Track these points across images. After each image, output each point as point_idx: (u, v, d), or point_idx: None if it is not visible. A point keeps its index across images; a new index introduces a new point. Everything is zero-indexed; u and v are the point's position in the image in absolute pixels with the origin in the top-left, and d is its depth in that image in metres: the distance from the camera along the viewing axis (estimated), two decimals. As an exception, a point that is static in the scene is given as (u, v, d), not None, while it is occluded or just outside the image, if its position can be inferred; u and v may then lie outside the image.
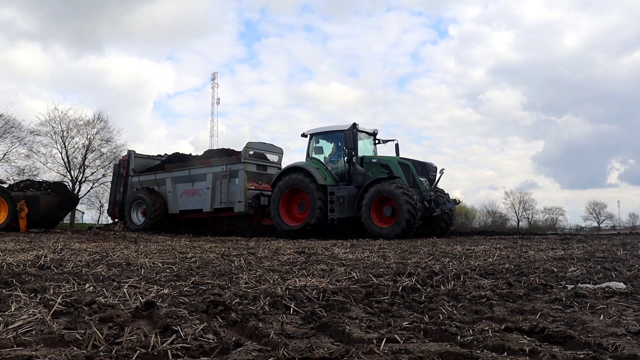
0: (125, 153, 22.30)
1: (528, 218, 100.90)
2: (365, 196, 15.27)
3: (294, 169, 16.71)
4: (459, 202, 18.56)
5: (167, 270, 3.58)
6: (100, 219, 52.57)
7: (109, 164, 43.86)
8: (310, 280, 3.03)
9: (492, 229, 36.13)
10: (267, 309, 2.25)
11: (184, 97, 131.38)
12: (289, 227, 16.50)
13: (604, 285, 3.04)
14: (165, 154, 23.74)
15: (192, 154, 22.68)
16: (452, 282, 3.15)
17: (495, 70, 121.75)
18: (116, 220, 31.17)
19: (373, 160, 16.57)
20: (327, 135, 17.49)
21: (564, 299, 2.57)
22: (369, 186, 15.30)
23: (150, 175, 21.56)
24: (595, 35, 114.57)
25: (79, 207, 42.73)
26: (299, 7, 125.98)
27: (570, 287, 3.09)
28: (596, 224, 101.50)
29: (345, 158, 16.48)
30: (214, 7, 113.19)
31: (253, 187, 18.49)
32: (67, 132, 42.42)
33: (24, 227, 16.29)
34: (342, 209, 15.71)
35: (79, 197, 42.88)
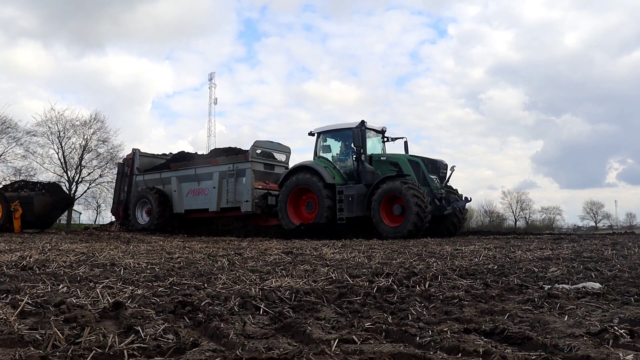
0: (129, 152, 22.17)
1: (525, 218, 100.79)
2: (375, 195, 15.06)
3: (301, 168, 16.50)
4: (470, 199, 18.48)
5: (148, 271, 3.59)
6: (97, 219, 52.57)
7: (106, 164, 43.91)
8: (286, 281, 3.04)
9: (488, 229, 36.19)
10: (236, 310, 2.26)
11: (182, 97, 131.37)
12: (301, 224, 16.30)
13: (580, 285, 3.05)
14: (170, 153, 23.60)
15: (197, 153, 22.49)
16: (429, 282, 3.16)
17: (494, 69, 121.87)
18: (112, 220, 31.18)
19: (382, 158, 16.37)
20: (335, 133, 17.27)
21: (536, 299, 2.58)
22: (378, 185, 15.09)
23: (155, 174, 21.42)
24: (595, 34, 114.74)
25: (75, 207, 42.74)
26: (300, 6, 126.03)
27: (547, 287, 3.10)
28: (593, 224, 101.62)
29: (354, 156, 16.27)
30: (215, 6, 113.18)
31: (260, 187, 18.29)
32: (64, 133, 42.43)
33: (19, 228, 16.29)
34: (351, 208, 15.53)
35: (76, 197, 42.94)
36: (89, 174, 44.21)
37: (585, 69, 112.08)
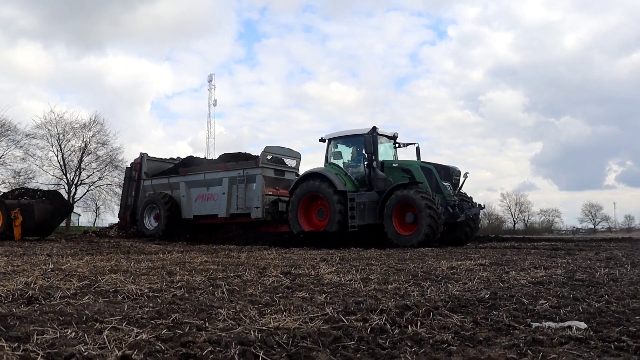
0: (136, 156, 22.29)
1: (524, 220, 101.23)
2: (387, 203, 14.96)
3: (312, 174, 16.52)
4: (484, 207, 18.50)
5: (151, 304, 3.71)
6: (97, 221, 52.68)
7: (105, 166, 44.23)
8: (284, 319, 3.17)
9: (486, 234, 36.35)
10: (237, 359, 2.38)
11: (182, 98, 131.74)
12: (313, 231, 16.28)
13: (566, 324, 3.18)
14: (178, 157, 23.73)
15: (206, 158, 22.54)
16: (421, 319, 3.28)
17: (494, 71, 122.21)
18: (111, 223, 31.26)
19: (394, 165, 16.34)
20: (346, 139, 17.24)
21: (521, 344, 2.70)
22: (391, 192, 14.99)
23: (163, 179, 21.54)
24: (594, 36, 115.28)
25: (75, 209, 42.84)
26: (300, 7, 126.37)
27: (535, 325, 3.23)
28: (592, 226, 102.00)
29: (366, 163, 16.19)
30: (215, 7, 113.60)
31: (271, 193, 18.41)
32: (63, 135, 42.82)
33: (19, 236, 16.44)
34: (362, 216, 15.47)
35: (75, 200, 43.07)
36: (89, 176, 44.57)
37: (584, 70, 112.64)
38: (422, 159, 17.06)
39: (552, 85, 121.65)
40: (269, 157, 18.87)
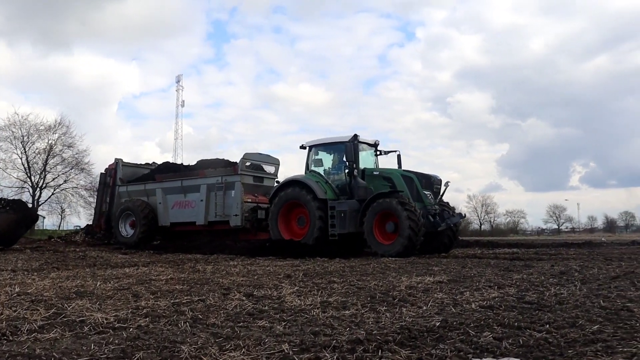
0: (111, 162, 21.97)
1: (490, 221, 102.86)
2: (368, 211, 14.94)
3: (292, 182, 16.45)
4: (465, 216, 18.60)
5: (117, 340, 3.87)
6: (62, 224, 52.06)
7: (71, 169, 43.74)
8: (242, 359, 3.37)
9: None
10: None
11: (149, 98, 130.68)
12: (291, 240, 16.13)
13: (503, 360, 3.44)
14: (154, 163, 23.47)
15: (183, 164, 22.31)
16: (371, 355, 3.52)
17: (462, 73, 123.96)
18: (77, 227, 30.79)
19: (375, 173, 16.32)
20: (327, 147, 17.19)
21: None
22: (371, 201, 14.97)
23: (139, 186, 21.28)
24: (560, 40, 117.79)
25: (40, 212, 42.30)
26: (269, 8, 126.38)
27: (475, 360, 3.49)
28: (556, 227, 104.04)
29: (346, 171, 16.15)
30: (184, 7, 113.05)
31: (250, 200, 18.30)
32: (28, 137, 42.27)
33: (-18, 247, 16.27)
34: (343, 224, 15.40)
35: (40, 203, 42.53)
36: (54, 179, 44.13)
37: (550, 73, 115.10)
38: (418, 171, 16.93)
39: (519, 87, 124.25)
40: (248, 164, 18.83)
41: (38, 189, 42.88)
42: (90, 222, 24.71)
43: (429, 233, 15.48)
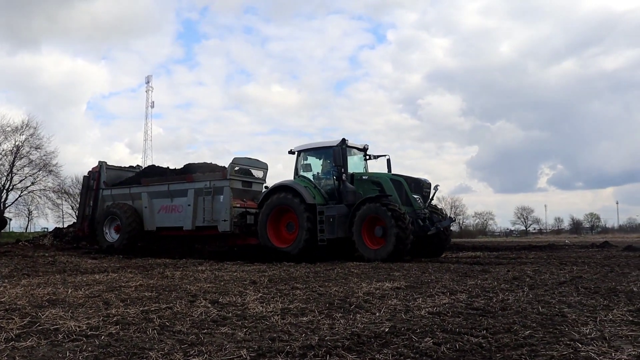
0: (94, 165, 21.66)
1: (459, 223, 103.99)
2: (356, 216, 14.95)
3: (281, 187, 16.43)
4: (454, 219, 18.53)
5: (90, 348, 4.22)
6: (29, 227, 51.57)
7: (39, 171, 43.39)
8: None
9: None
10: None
11: (119, 98, 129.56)
12: (278, 248, 16.12)
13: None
14: (138, 166, 23.27)
15: (169, 168, 22.03)
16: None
17: (432, 75, 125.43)
18: (45, 230, 30.58)
19: (364, 178, 16.36)
20: (316, 151, 17.19)
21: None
22: (360, 205, 14.99)
23: (124, 189, 20.68)
24: (528, 44, 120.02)
25: (6, 214, 41.91)
26: (241, 8, 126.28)
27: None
28: (524, 228, 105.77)
29: (335, 176, 16.13)
30: (154, 6, 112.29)
31: (238, 205, 18.10)
32: (-6, 138, 41.65)
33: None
34: (332, 230, 15.39)
35: (6, 205, 42.13)
36: (21, 181, 43.65)
37: (519, 76, 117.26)
38: (407, 175, 16.90)
39: (488, 90, 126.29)
40: (237, 168, 18.72)
41: (5, 191, 42.46)
42: (59, 225, 24.61)
43: (420, 237, 15.52)
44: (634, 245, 23.80)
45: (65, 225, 31.64)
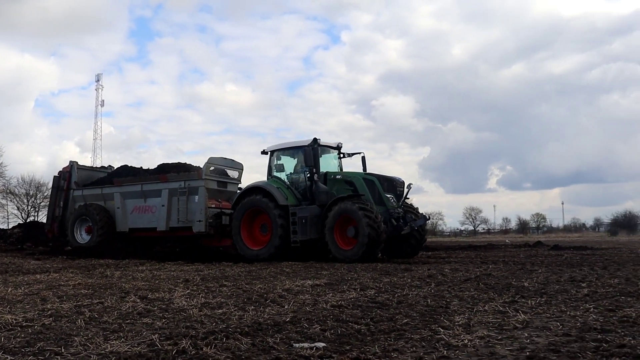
0: (65, 165, 21.41)
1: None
2: (328, 216, 14.89)
3: (253, 189, 16.40)
4: (429, 218, 18.32)
5: (23, 334, 4.93)
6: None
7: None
8: (120, 345, 4.52)
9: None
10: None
11: (69, 96, 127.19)
12: (252, 251, 16.10)
13: (314, 344, 4.73)
14: (110, 166, 23.09)
15: (142, 168, 21.82)
16: (217, 342, 4.74)
17: (385, 77, 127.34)
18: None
19: (337, 177, 16.24)
20: (288, 151, 17.10)
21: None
22: (332, 205, 14.93)
23: (96, 189, 20.41)
24: (480, 47, 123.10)
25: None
26: (195, 7, 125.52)
27: (296, 345, 4.75)
28: (472, 228, 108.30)
29: (307, 176, 16.06)
30: (106, 3, 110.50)
31: (213, 205, 17.96)
32: None
33: None
34: (305, 231, 15.25)
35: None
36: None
37: (470, 79, 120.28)
38: (380, 174, 16.57)
39: (441, 92, 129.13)
40: (212, 168, 18.61)
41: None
42: (3, 226, 24.53)
43: (394, 237, 15.40)
44: (559, 245, 25.18)
45: (10, 227, 31.50)
